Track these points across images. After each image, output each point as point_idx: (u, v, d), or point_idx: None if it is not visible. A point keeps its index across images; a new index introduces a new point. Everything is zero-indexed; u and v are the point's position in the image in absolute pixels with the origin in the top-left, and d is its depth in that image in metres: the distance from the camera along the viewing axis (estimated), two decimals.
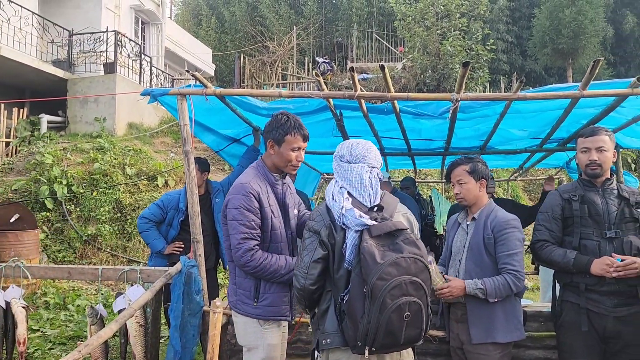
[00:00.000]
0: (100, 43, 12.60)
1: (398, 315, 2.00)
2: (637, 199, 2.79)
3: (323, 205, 2.33)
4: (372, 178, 2.31)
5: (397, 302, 1.99)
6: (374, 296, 2.00)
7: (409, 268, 2.05)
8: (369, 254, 2.04)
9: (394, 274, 2.01)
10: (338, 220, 2.21)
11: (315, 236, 2.26)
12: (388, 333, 2.01)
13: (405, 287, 2.02)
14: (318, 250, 2.23)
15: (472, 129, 4.46)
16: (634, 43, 20.78)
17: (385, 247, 2.08)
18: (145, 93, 3.49)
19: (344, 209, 2.17)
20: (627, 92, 3.05)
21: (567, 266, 2.76)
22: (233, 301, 2.77)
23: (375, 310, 1.99)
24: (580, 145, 2.85)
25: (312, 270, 2.22)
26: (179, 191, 4.39)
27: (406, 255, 2.06)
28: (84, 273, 3.38)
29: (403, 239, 2.12)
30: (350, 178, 2.29)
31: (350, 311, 2.09)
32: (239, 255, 2.62)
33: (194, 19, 25.79)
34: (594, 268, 2.66)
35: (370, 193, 2.27)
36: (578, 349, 2.77)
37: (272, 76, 15.69)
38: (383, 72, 3.08)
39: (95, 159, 9.65)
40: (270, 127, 2.77)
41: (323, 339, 2.23)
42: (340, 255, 2.19)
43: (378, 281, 1.99)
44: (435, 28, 14.81)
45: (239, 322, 2.78)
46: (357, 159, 2.32)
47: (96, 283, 7.32)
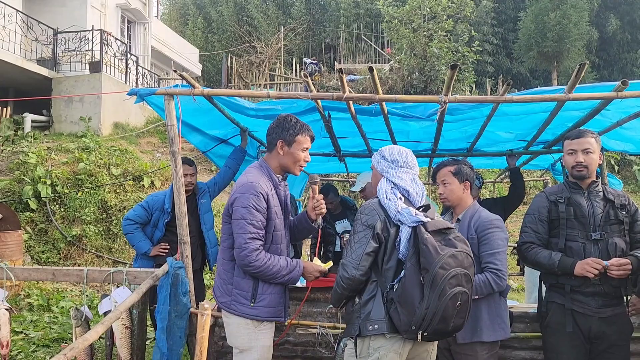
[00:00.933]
0: (85, 42, 12.47)
1: (453, 303, 2.21)
2: (622, 201, 2.83)
3: (375, 201, 2.52)
4: (419, 182, 2.58)
5: (453, 291, 2.20)
6: (434, 283, 2.20)
7: (463, 261, 2.27)
8: (432, 245, 2.25)
9: (452, 265, 2.22)
10: (394, 218, 2.41)
11: (369, 230, 2.42)
12: (442, 319, 2.20)
13: (460, 278, 2.24)
14: (371, 243, 2.40)
15: (459, 131, 4.48)
16: (617, 46, 21.09)
17: (441, 242, 2.30)
18: (132, 93, 3.44)
19: (400, 207, 2.39)
20: (612, 96, 3.07)
21: (553, 268, 2.79)
22: (226, 301, 2.74)
23: (435, 296, 2.19)
24: (567, 148, 2.88)
25: (363, 262, 2.40)
26: (164, 192, 4.34)
27: (460, 249, 2.28)
28: (69, 274, 3.32)
29: (454, 236, 2.35)
30: (405, 178, 2.54)
31: (405, 298, 2.27)
32: (244, 254, 2.62)
33: (181, 18, 25.68)
34: (577, 269, 2.70)
35: (419, 194, 2.53)
36: (563, 349, 2.80)
37: (259, 77, 15.65)
38: (372, 74, 3.08)
39: (80, 159, 9.54)
40: (280, 129, 2.81)
41: (370, 325, 2.38)
42: (392, 247, 2.40)
43: (440, 270, 2.20)
44: (422, 30, 14.90)
45: (231, 324, 2.75)
46: (410, 166, 2.58)
47: (81, 284, 7.24)
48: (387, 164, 2.59)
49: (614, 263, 2.64)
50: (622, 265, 2.63)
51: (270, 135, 2.86)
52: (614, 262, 2.64)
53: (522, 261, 2.90)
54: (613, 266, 2.63)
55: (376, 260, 2.44)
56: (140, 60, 15.16)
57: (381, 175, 2.60)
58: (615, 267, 2.63)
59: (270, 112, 3.90)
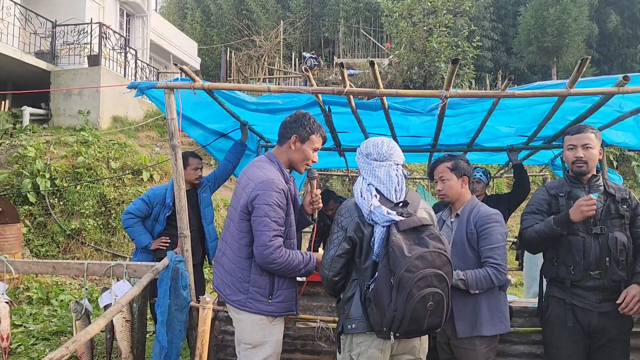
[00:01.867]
0: (84, 35, 12.42)
1: (422, 305, 2.18)
2: (623, 195, 2.83)
3: (351, 201, 2.49)
4: (399, 175, 2.48)
5: (422, 293, 2.17)
6: (401, 287, 2.17)
7: (434, 261, 2.22)
8: (398, 247, 2.21)
9: (420, 267, 2.18)
10: (367, 217, 2.36)
11: (342, 232, 2.42)
12: (412, 321, 2.18)
13: (430, 279, 2.19)
14: (342, 245, 2.41)
15: (459, 126, 4.48)
16: (617, 41, 21.06)
17: (412, 241, 2.26)
18: (132, 86, 3.43)
19: (372, 207, 2.33)
20: (614, 91, 3.07)
21: (551, 229, 2.74)
22: (241, 300, 2.67)
23: (401, 299, 2.16)
24: (567, 143, 2.88)
25: (335, 263, 2.42)
26: (165, 186, 4.34)
27: (431, 249, 2.23)
28: (69, 268, 3.32)
29: (428, 234, 2.29)
30: (379, 175, 2.46)
31: (377, 299, 2.25)
32: (269, 252, 2.57)
33: (179, 11, 25.59)
34: (573, 216, 2.67)
35: (397, 189, 2.44)
36: (563, 343, 2.81)
37: (258, 71, 15.61)
38: (372, 68, 3.07)
39: (79, 153, 9.52)
40: (297, 124, 2.80)
41: (348, 324, 2.41)
42: (368, 247, 2.36)
43: (406, 273, 2.16)
44: (422, 24, 14.86)
45: (244, 320, 2.70)
46: (384, 157, 2.48)
47: (80, 278, 7.24)
48: (363, 159, 2.54)
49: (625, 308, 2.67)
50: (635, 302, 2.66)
51: (286, 128, 2.83)
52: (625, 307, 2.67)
53: (525, 247, 2.86)
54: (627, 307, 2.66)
55: (354, 260, 2.43)
56: (139, 54, 15.12)
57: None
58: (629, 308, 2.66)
59: (271, 106, 3.90)
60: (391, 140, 2.59)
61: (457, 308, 2.85)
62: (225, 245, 2.80)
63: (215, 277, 2.87)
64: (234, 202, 2.80)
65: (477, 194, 4.43)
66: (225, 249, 2.79)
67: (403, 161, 2.57)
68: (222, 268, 2.78)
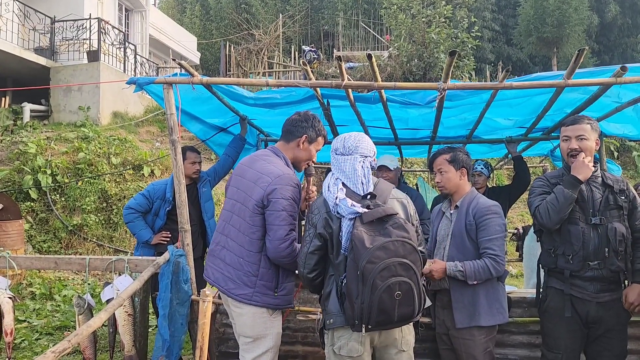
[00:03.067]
0: (83, 30, 12.41)
1: (389, 295, 2.17)
2: (621, 186, 2.84)
3: (321, 197, 2.49)
4: (365, 168, 2.45)
5: (386, 283, 2.16)
6: (365, 278, 2.17)
7: (397, 250, 2.21)
8: (359, 239, 2.20)
9: (382, 257, 2.17)
10: (332, 210, 2.37)
11: (312, 229, 2.44)
12: (381, 311, 2.18)
13: (394, 268, 2.19)
14: (314, 242, 2.42)
15: (458, 118, 4.48)
16: (618, 31, 20.98)
17: (376, 233, 2.24)
18: (131, 82, 3.44)
19: (337, 199, 2.34)
20: (611, 81, 3.07)
21: (563, 193, 2.72)
22: (247, 293, 2.67)
23: (367, 291, 2.16)
24: (562, 134, 2.89)
25: (309, 260, 2.43)
26: (165, 181, 4.36)
27: (394, 238, 2.22)
28: (71, 263, 3.35)
29: (392, 223, 2.28)
30: (344, 169, 2.45)
31: (348, 293, 2.27)
32: (285, 246, 2.60)
33: (178, 6, 25.52)
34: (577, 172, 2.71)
35: (362, 182, 2.42)
36: (561, 334, 2.83)
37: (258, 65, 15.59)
38: (370, 61, 3.07)
39: (79, 149, 9.55)
40: (307, 124, 2.86)
41: (327, 319, 2.44)
42: (338, 242, 2.37)
43: (368, 264, 2.16)
44: (421, 16, 14.80)
45: (245, 314, 2.71)
46: (349, 151, 2.48)
47: (82, 273, 7.29)
48: (332, 154, 2.54)
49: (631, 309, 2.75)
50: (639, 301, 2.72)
51: (296, 127, 2.86)
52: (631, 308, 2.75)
53: (545, 223, 2.78)
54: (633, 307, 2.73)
55: (327, 257, 2.45)
56: (139, 49, 15.09)
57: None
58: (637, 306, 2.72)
59: (269, 100, 3.91)
60: (360, 134, 2.58)
61: (455, 299, 2.88)
62: (226, 239, 2.78)
63: (211, 270, 2.83)
64: (240, 195, 2.77)
65: (478, 187, 4.44)
66: (228, 242, 2.77)
67: (373, 153, 2.54)
68: (222, 262, 2.77)
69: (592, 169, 2.76)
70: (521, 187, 4.56)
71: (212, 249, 2.91)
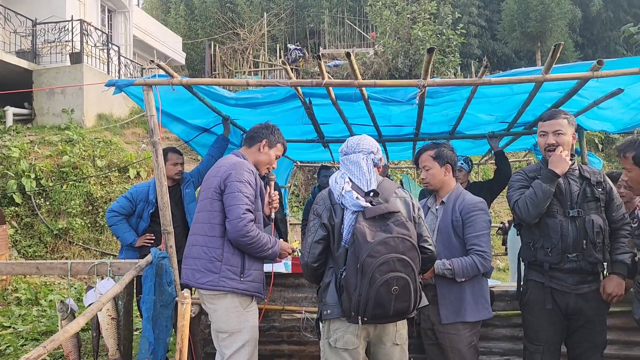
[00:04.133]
0: (65, 32, 12.28)
1: (386, 289, 2.24)
2: (598, 178, 2.87)
3: (326, 190, 2.60)
4: (369, 164, 2.57)
5: (385, 277, 2.23)
6: (364, 271, 2.24)
7: (397, 247, 2.28)
8: (361, 233, 2.29)
9: (382, 252, 2.25)
10: (337, 200, 2.47)
11: (318, 219, 2.53)
12: (377, 305, 2.25)
13: (393, 263, 2.26)
14: (319, 232, 2.50)
15: (441, 115, 4.50)
16: (600, 25, 21.19)
17: (377, 228, 2.32)
18: (110, 84, 3.41)
19: (344, 190, 2.44)
20: (588, 75, 3.10)
21: (541, 187, 2.75)
22: (213, 280, 2.79)
23: (365, 284, 2.24)
24: (539, 129, 2.92)
25: (313, 249, 2.50)
26: (148, 183, 4.34)
27: (395, 235, 2.30)
28: (53, 268, 3.33)
29: (394, 220, 2.36)
30: (350, 167, 2.57)
31: (346, 285, 2.34)
32: (243, 224, 2.74)
33: (162, 6, 25.31)
34: (554, 166, 2.76)
35: (367, 179, 2.52)
36: (542, 326, 2.86)
37: (243, 64, 15.53)
38: (349, 59, 3.08)
39: (64, 152, 9.45)
40: (268, 131, 3.16)
41: (325, 310, 2.50)
42: (340, 235, 2.45)
43: (368, 258, 2.24)
44: (406, 13, 14.84)
45: (219, 309, 2.81)
46: (352, 149, 2.61)
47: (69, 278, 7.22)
48: (340, 156, 2.69)
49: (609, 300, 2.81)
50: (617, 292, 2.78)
51: (257, 132, 3.14)
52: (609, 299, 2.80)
53: (523, 217, 2.81)
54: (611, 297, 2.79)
55: (330, 248, 2.52)
56: (122, 50, 14.97)
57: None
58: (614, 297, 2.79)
59: (251, 100, 3.90)
60: (363, 135, 2.72)
61: (441, 295, 2.90)
62: (194, 236, 2.94)
63: (183, 273, 2.95)
64: (203, 194, 2.96)
65: (460, 182, 4.47)
66: (195, 238, 2.93)
67: (377, 149, 2.66)
68: (191, 258, 2.90)
69: (569, 162, 2.79)
70: (503, 182, 4.59)
71: (184, 253, 3.02)
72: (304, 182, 11.89)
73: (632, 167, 2.41)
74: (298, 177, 11.42)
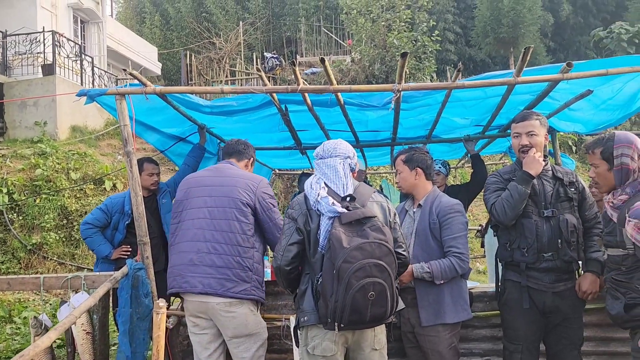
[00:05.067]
0: (37, 44, 12.07)
1: (362, 295, 2.22)
2: (571, 178, 2.93)
3: (302, 195, 2.58)
4: (345, 168, 2.56)
5: (361, 283, 2.21)
6: (340, 277, 2.22)
7: (374, 252, 2.27)
8: (337, 239, 2.27)
9: (358, 258, 2.23)
10: (313, 206, 2.45)
11: (292, 222, 2.51)
12: (354, 311, 2.23)
13: (369, 269, 2.24)
14: (294, 235, 2.48)
15: (417, 119, 4.53)
16: (571, 30, 21.67)
17: (354, 233, 2.31)
18: (82, 94, 3.36)
19: (319, 196, 2.41)
20: (558, 78, 3.15)
21: (517, 189, 2.78)
22: (246, 289, 2.87)
23: (341, 290, 2.22)
24: (513, 131, 2.96)
25: (287, 252, 2.47)
26: (123, 194, 4.27)
27: (371, 240, 2.28)
28: (25, 283, 3.24)
29: (370, 225, 2.34)
30: (326, 172, 2.54)
31: (322, 291, 2.32)
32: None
33: (137, 16, 25.08)
34: (528, 167, 2.80)
35: (344, 183, 2.50)
36: (521, 325, 2.89)
37: (220, 73, 15.46)
38: (323, 65, 3.09)
39: (37, 165, 9.26)
40: (251, 150, 3.36)
41: (301, 317, 2.49)
42: (316, 240, 2.43)
43: (344, 264, 2.22)
44: (381, 20, 14.98)
45: (239, 315, 2.88)
46: (329, 153, 2.59)
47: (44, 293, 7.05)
48: (315, 161, 2.67)
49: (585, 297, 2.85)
50: (592, 290, 2.82)
51: (245, 149, 3.31)
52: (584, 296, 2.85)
53: (501, 219, 2.85)
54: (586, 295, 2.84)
55: (304, 253, 2.51)
56: (96, 61, 14.77)
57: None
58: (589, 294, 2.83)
59: (226, 108, 3.87)
60: (339, 139, 2.71)
61: (420, 297, 2.91)
62: (211, 244, 2.90)
63: (197, 279, 2.88)
64: (217, 201, 2.98)
65: (437, 185, 4.50)
66: (215, 247, 2.90)
67: (353, 154, 2.64)
68: (212, 267, 2.87)
69: (543, 163, 2.83)
70: (479, 184, 4.63)
71: (191, 258, 2.93)
72: (284, 190, 11.85)
73: (599, 162, 2.46)
74: (277, 185, 11.38)
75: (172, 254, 3.06)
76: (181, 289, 2.93)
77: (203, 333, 2.98)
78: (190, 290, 2.90)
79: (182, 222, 3.03)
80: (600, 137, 2.49)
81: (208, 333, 2.98)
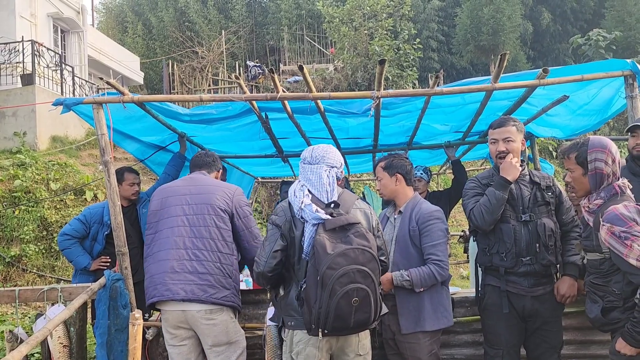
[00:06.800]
0: (15, 54, 11.91)
1: (346, 301, 2.22)
2: (548, 182, 2.96)
3: (286, 201, 2.57)
4: (330, 177, 2.54)
5: (345, 289, 2.22)
6: (324, 283, 2.22)
7: (357, 258, 2.28)
8: (321, 245, 2.27)
9: (342, 264, 2.24)
10: (297, 214, 2.45)
11: (276, 229, 2.51)
12: (338, 317, 2.23)
13: (353, 275, 2.25)
14: (278, 242, 2.48)
15: (397, 126, 4.56)
16: (550, 38, 22.00)
17: (338, 240, 2.31)
18: (57, 103, 3.32)
19: (303, 204, 2.41)
20: (535, 84, 3.20)
21: (494, 195, 2.80)
22: (227, 295, 2.89)
23: (325, 296, 2.22)
24: (490, 137, 2.99)
25: (270, 259, 2.47)
26: (102, 204, 4.21)
27: (355, 246, 2.29)
28: (0, 296, 3.17)
29: (354, 232, 2.35)
30: (310, 178, 2.53)
31: (306, 297, 2.32)
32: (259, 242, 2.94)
33: (119, 26, 24.90)
34: (505, 173, 2.82)
35: (327, 190, 2.50)
36: (501, 329, 2.90)
37: (202, 82, 15.41)
38: (302, 72, 3.10)
39: (15, 176, 9.10)
40: (218, 163, 3.38)
41: (288, 321, 2.52)
42: (300, 247, 2.44)
43: (328, 270, 2.22)
44: (363, 29, 15.09)
45: (219, 322, 2.89)
46: (316, 160, 2.57)
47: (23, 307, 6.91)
48: (300, 164, 2.66)
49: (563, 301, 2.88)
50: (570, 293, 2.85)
51: (213, 161, 3.34)
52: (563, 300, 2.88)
53: (479, 224, 2.87)
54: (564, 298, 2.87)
55: (288, 259, 2.51)
56: (77, 71, 14.62)
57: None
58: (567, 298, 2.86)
59: (206, 116, 3.86)
60: (329, 145, 2.68)
61: (401, 305, 2.90)
62: (192, 251, 2.91)
63: (179, 286, 2.84)
64: (194, 209, 2.99)
65: (419, 192, 4.52)
66: (196, 253, 2.90)
67: (340, 164, 2.64)
68: (194, 273, 2.87)
69: (520, 168, 2.86)
70: (460, 190, 4.66)
71: (172, 266, 2.90)
72: (267, 199, 11.81)
73: (575, 166, 2.49)
74: (260, 193, 11.33)
75: (150, 264, 3.00)
76: (163, 297, 2.87)
77: (182, 344, 2.94)
78: (172, 297, 2.85)
79: (159, 232, 2.99)
80: (575, 142, 2.52)
81: (187, 344, 2.94)
